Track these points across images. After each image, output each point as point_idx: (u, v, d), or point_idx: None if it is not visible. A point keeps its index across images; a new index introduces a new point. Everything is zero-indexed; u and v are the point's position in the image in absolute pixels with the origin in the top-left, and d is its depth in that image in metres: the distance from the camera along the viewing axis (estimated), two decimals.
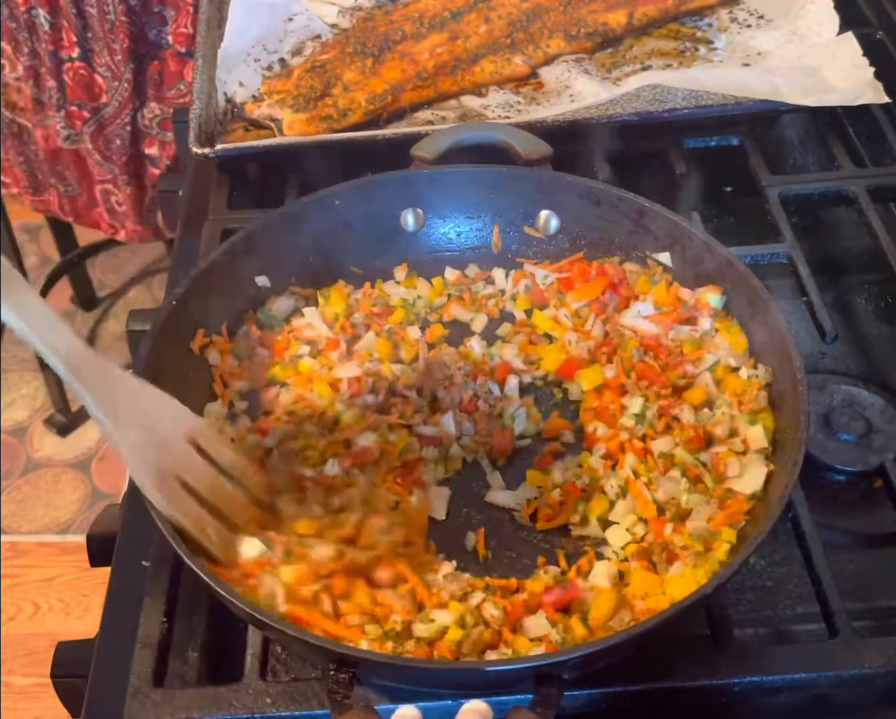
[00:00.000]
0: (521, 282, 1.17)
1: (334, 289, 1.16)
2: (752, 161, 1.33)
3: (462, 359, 1.09)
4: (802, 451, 0.88)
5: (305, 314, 1.14)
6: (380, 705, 0.84)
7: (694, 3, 1.52)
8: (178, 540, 0.85)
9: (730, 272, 1.05)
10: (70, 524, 2.63)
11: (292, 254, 1.15)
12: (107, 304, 3.15)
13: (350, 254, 1.18)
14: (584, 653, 0.79)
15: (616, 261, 1.15)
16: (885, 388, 1.13)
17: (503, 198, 1.19)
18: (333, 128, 1.35)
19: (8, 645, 2.36)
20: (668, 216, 1.11)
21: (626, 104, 1.34)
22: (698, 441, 0.98)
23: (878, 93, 1.34)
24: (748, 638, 0.94)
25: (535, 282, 1.17)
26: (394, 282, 1.19)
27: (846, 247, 1.34)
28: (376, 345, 1.11)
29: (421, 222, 1.20)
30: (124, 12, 2.09)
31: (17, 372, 2.98)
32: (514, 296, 1.17)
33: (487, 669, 0.81)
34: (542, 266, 1.18)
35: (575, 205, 1.16)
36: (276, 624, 0.80)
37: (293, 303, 1.15)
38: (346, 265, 1.18)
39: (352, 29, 1.52)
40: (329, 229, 1.16)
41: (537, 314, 1.15)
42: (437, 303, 1.17)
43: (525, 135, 1.22)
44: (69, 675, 0.98)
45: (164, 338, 1.01)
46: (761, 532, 0.83)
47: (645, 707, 0.88)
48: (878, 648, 0.87)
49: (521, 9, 1.49)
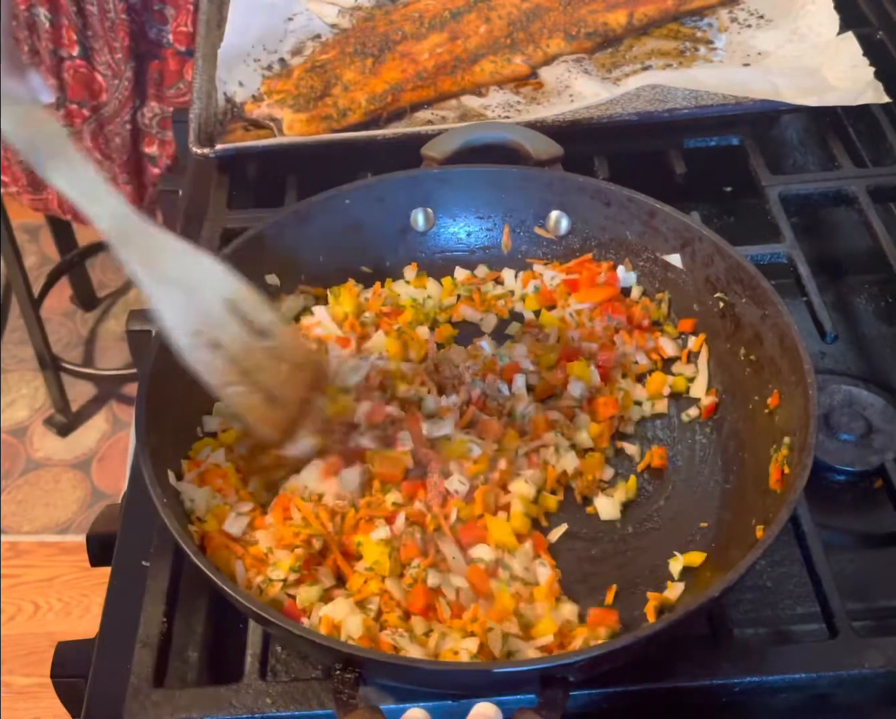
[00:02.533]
0: (530, 283, 1.18)
1: (344, 288, 1.15)
2: (752, 161, 1.33)
3: (471, 359, 1.09)
4: (811, 455, 0.88)
5: (315, 313, 1.14)
6: (385, 705, 0.84)
7: (694, 3, 1.52)
8: (184, 536, 0.85)
9: (740, 274, 1.05)
10: (70, 524, 2.63)
11: (302, 254, 1.15)
12: (107, 304, 3.15)
13: (360, 253, 1.18)
14: (590, 656, 0.79)
15: (629, 266, 1.16)
16: (885, 388, 1.13)
17: (514, 198, 1.19)
18: (333, 128, 1.35)
19: (8, 645, 2.36)
20: (678, 217, 1.11)
21: (626, 104, 1.34)
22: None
23: (878, 93, 1.34)
24: (748, 638, 0.94)
25: (544, 282, 1.17)
26: (403, 281, 1.19)
27: (846, 247, 1.34)
28: (386, 344, 1.11)
29: (431, 222, 1.20)
30: (124, 10, 2.09)
31: (17, 372, 2.98)
32: (523, 297, 1.17)
33: (493, 670, 0.80)
34: (551, 266, 1.18)
35: (586, 206, 1.16)
36: (280, 621, 0.80)
37: (303, 302, 1.15)
38: (356, 264, 1.18)
39: (352, 29, 1.52)
40: (339, 228, 1.16)
41: (545, 314, 1.15)
42: (446, 303, 1.17)
43: (536, 135, 1.22)
44: (69, 675, 0.97)
45: None
46: (769, 535, 0.83)
47: (645, 707, 0.88)
48: (878, 648, 0.86)
49: (521, 9, 1.49)
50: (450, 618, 0.88)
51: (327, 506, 0.94)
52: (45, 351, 2.72)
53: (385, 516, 0.94)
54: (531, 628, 0.88)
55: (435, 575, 0.89)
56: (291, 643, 0.92)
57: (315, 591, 0.89)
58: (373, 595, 0.88)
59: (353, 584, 0.90)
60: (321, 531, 0.92)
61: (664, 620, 0.83)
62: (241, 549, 0.92)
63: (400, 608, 0.88)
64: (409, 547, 0.91)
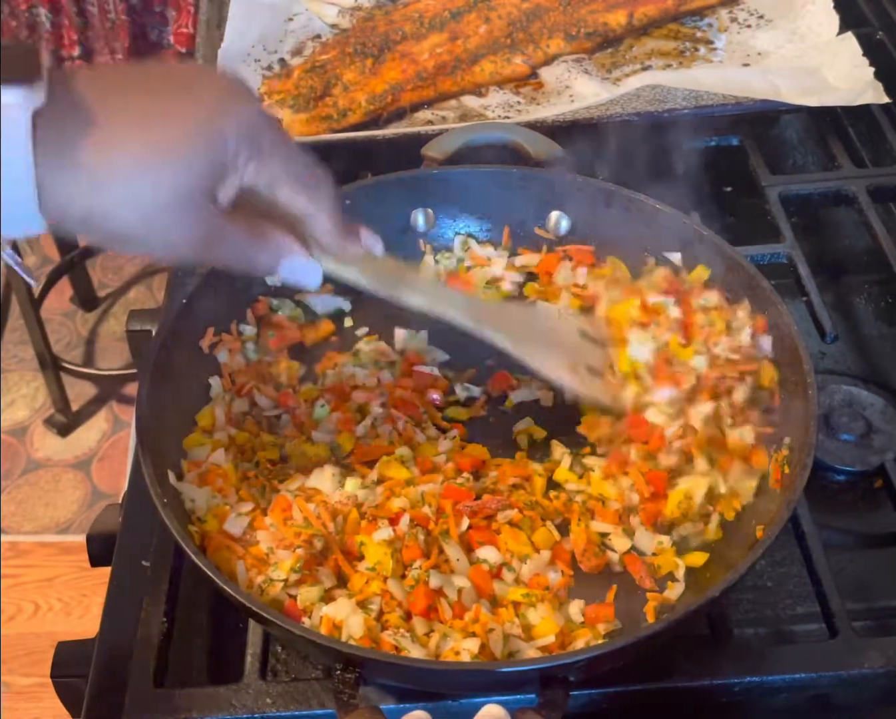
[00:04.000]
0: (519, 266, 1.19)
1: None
2: (752, 161, 1.33)
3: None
4: (812, 455, 0.88)
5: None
6: (385, 705, 0.84)
7: (694, 3, 1.52)
8: (184, 536, 0.85)
9: (740, 274, 1.05)
10: (70, 524, 2.63)
11: None
12: (107, 304, 3.15)
13: None
14: (590, 656, 0.79)
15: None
16: (885, 388, 1.13)
17: (514, 198, 1.19)
18: (333, 128, 1.35)
19: (8, 645, 2.36)
20: (679, 218, 1.11)
21: (626, 104, 1.34)
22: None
23: (878, 93, 1.34)
24: (748, 638, 0.94)
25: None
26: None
27: (846, 247, 1.34)
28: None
29: (431, 222, 1.20)
30: (125, 11, 2.09)
31: (17, 372, 2.98)
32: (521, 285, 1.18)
33: (494, 671, 0.81)
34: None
35: (586, 207, 1.16)
36: (281, 621, 0.80)
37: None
38: None
39: (352, 29, 1.52)
40: None
41: (529, 286, 1.16)
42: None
43: (536, 135, 1.22)
44: (69, 675, 0.97)
45: (173, 335, 1.01)
46: (769, 535, 0.83)
47: (645, 707, 0.88)
48: (878, 648, 0.86)
49: (521, 9, 1.49)
50: (451, 619, 0.88)
51: (329, 506, 0.94)
52: (46, 351, 2.72)
53: (389, 517, 0.94)
54: (532, 628, 0.88)
55: (437, 577, 0.89)
56: (292, 643, 0.92)
57: (316, 591, 0.89)
58: (374, 595, 0.88)
59: (355, 584, 0.90)
60: (322, 531, 0.92)
61: (664, 620, 0.83)
62: (241, 549, 0.92)
63: (401, 608, 0.88)
64: (411, 548, 0.91)
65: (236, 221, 0.78)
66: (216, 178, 0.75)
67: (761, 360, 1.01)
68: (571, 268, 1.16)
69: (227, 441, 1.01)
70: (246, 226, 0.80)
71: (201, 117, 0.73)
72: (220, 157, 0.74)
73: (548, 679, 0.77)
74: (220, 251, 0.79)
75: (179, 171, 0.72)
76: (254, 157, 0.76)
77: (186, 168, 0.72)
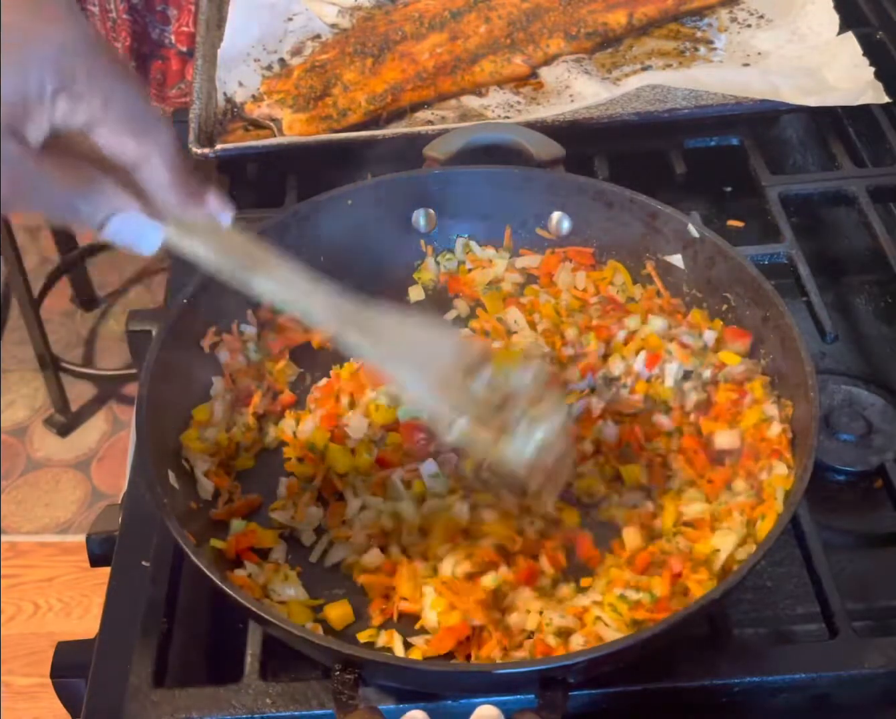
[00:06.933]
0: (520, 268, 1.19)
1: None
2: (752, 161, 1.33)
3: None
4: (813, 457, 0.88)
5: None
6: (385, 705, 0.84)
7: (694, 3, 1.52)
8: (184, 536, 0.85)
9: (741, 275, 1.05)
10: (70, 524, 2.63)
11: (303, 253, 1.12)
12: (107, 304, 3.15)
13: (361, 254, 1.17)
14: (590, 657, 0.79)
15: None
16: (885, 388, 1.13)
17: (515, 199, 1.19)
18: (333, 128, 1.35)
19: (8, 645, 2.36)
20: (680, 219, 1.11)
21: (626, 104, 1.34)
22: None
23: (878, 93, 1.34)
24: (748, 638, 0.94)
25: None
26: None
27: (846, 247, 1.34)
28: None
29: (433, 222, 1.20)
30: (126, 11, 2.09)
31: (17, 372, 2.98)
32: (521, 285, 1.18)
33: (493, 672, 0.81)
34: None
35: (587, 207, 1.16)
36: (280, 622, 0.80)
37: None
38: (357, 265, 1.18)
39: (352, 29, 1.52)
40: (340, 229, 1.15)
41: (529, 288, 1.16)
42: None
43: (537, 136, 1.22)
44: (69, 675, 0.97)
45: (174, 335, 1.01)
46: (770, 536, 0.83)
47: (645, 707, 0.88)
48: (878, 648, 0.86)
49: (521, 9, 1.49)
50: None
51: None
52: (45, 351, 2.72)
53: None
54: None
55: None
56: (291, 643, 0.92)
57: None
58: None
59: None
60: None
61: (664, 621, 0.82)
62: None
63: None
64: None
65: (54, 165, 0.68)
66: (17, 113, 0.65)
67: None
68: (571, 270, 1.16)
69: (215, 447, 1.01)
70: (67, 172, 0.69)
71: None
72: (20, 86, 0.64)
73: (547, 680, 0.77)
74: (33, 197, 0.69)
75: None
76: (64, 88, 0.66)
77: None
